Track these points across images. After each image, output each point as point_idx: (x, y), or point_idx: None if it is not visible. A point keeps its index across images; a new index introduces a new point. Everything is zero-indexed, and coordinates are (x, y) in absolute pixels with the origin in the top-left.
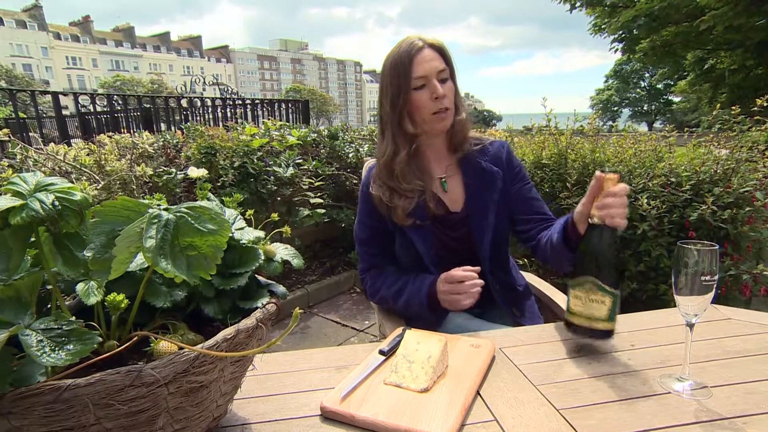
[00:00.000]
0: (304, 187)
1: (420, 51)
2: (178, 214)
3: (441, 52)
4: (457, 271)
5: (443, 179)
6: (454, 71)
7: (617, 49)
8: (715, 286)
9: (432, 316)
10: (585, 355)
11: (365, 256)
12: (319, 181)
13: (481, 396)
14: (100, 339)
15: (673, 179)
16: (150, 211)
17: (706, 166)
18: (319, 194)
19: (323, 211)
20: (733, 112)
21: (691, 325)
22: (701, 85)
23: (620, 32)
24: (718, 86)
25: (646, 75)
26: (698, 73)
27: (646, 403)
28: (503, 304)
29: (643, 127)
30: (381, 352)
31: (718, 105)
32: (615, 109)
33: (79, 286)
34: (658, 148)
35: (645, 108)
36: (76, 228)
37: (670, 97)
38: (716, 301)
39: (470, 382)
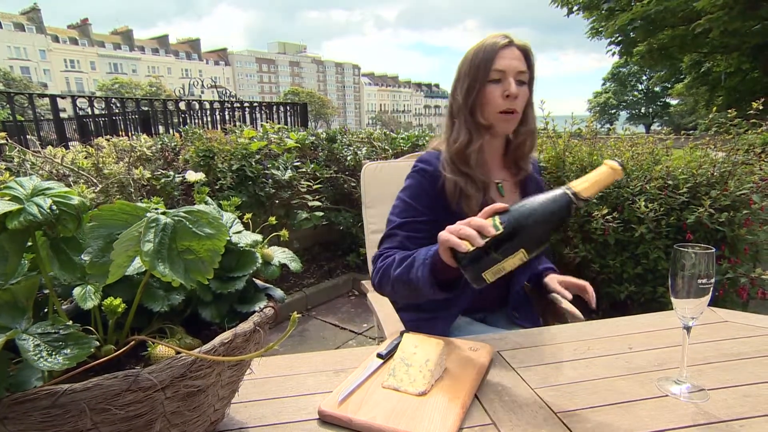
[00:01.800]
0: (303, 190)
1: (506, 47)
2: (176, 218)
3: (526, 55)
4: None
5: (499, 184)
6: (533, 79)
7: (614, 52)
8: (711, 288)
9: (428, 280)
10: (583, 358)
11: (393, 238)
12: (317, 184)
13: (479, 399)
14: (97, 343)
15: (670, 182)
16: (148, 215)
17: (703, 168)
18: (317, 197)
19: (321, 214)
20: (729, 115)
21: (688, 328)
22: (698, 88)
23: (617, 35)
24: (714, 89)
25: (644, 78)
26: (695, 76)
27: (643, 405)
28: (512, 308)
29: (640, 130)
30: (379, 356)
31: (715, 108)
32: (613, 111)
33: (76, 291)
34: (655, 150)
35: (642, 111)
36: (74, 232)
37: (667, 100)
38: (714, 303)
39: (468, 386)
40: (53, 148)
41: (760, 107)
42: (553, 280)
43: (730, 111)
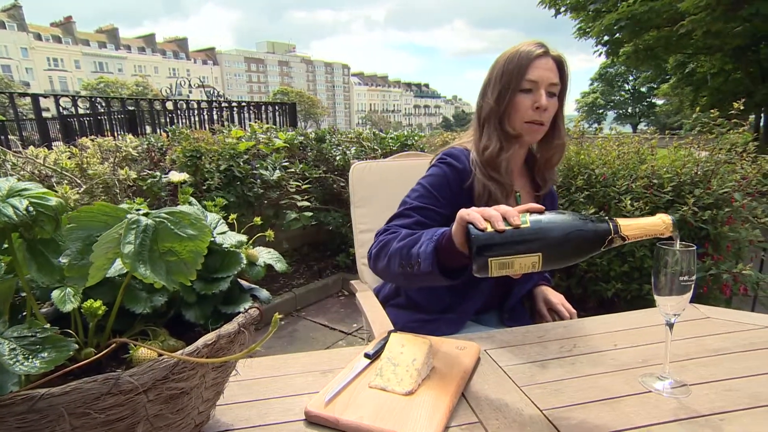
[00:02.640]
0: (291, 190)
1: (541, 57)
2: (157, 219)
3: (560, 67)
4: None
5: (518, 194)
6: (566, 92)
7: (601, 53)
8: (693, 285)
9: (430, 259)
10: (569, 356)
11: (405, 218)
12: (306, 184)
13: (465, 398)
14: (76, 346)
15: (655, 181)
16: (128, 216)
17: (687, 167)
18: (306, 197)
19: (310, 214)
20: (711, 115)
21: (670, 325)
22: (683, 88)
23: (604, 36)
24: (699, 89)
25: (630, 78)
26: (680, 77)
27: (627, 402)
28: (506, 310)
29: (627, 129)
30: (366, 356)
31: (698, 108)
32: (600, 111)
33: (55, 293)
34: (641, 150)
35: (629, 110)
36: (52, 234)
37: (653, 100)
38: (698, 300)
39: (455, 385)
40: (35, 148)
41: (741, 107)
42: (540, 296)
43: (712, 111)
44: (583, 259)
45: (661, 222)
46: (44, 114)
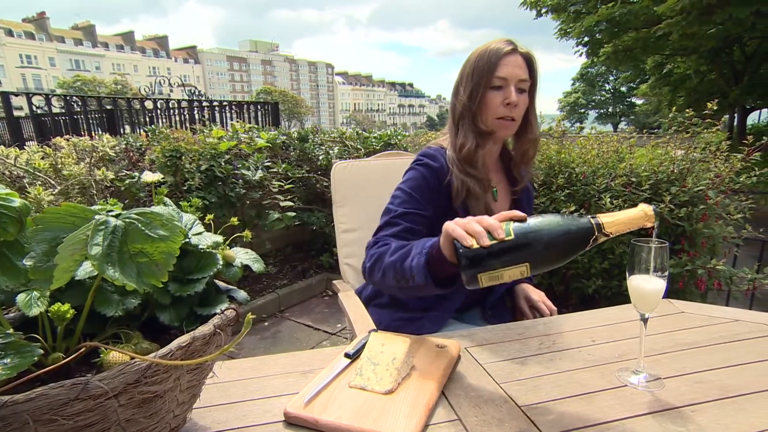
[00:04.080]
0: (274, 190)
1: (510, 54)
2: (127, 220)
3: (529, 63)
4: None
5: (494, 188)
6: (535, 87)
7: (582, 53)
8: (666, 281)
9: (423, 269)
10: (548, 352)
11: (392, 227)
12: (288, 184)
13: (445, 396)
14: (41, 351)
15: (633, 179)
16: (96, 217)
17: (664, 166)
18: (289, 197)
19: (293, 214)
20: (687, 115)
21: (645, 320)
22: (661, 88)
23: (584, 37)
24: (676, 90)
25: (611, 78)
26: (658, 77)
27: (603, 396)
28: (488, 307)
29: (608, 128)
30: (347, 355)
31: (675, 108)
32: (582, 111)
33: (20, 297)
34: (619, 149)
35: (610, 110)
36: (15, 236)
37: (633, 100)
38: (675, 295)
39: (434, 383)
40: (5, 148)
41: (715, 107)
42: (521, 294)
43: (687, 111)
44: (569, 260)
45: (643, 214)
46: (17, 113)
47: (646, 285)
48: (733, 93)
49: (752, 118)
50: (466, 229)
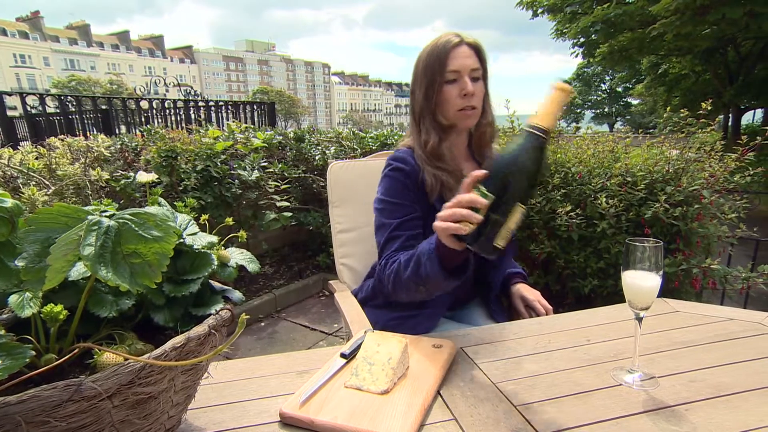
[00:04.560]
0: (270, 190)
1: (457, 46)
2: (120, 220)
3: (477, 51)
4: (466, 196)
5: (466, 176)
6: (487, 73)
7: (578, 54)
8: (660, 278)
9: (437, 269)
10: (543, 351)
11: (395, 241)
12: (285, 184)
13: (441, 396)
14: (33, 353)
15: (629, 179)
16: (89, 217)
17: (659, 166)
18: (285, 197)
19: (290, 214)
20: (682, 115)
21: (639, 319)
22: (656, 88)
23: (580, 37)
24: (672, 90)
25: (607, 78)
26: (653, 77)
27: (598, 395)
28: (484, 302)
29: (604, 128)
30: (342, 356)
31: (670, 108)
32: (578, 111)
33: (12, 298)
34: (615, 149)
35: (606, 110)
36: (7, 236)
37: (629, 100)
38: (670, 294)
39: (430, 382)
40: None
41: (709, 107)
42: (516, 294)
43: (682, 111)
44: (544, 171)
45: (559, 91)
46: (11, 113)
47: (641, 282)
48: (728, 93)
49: (746, 118)
50: (453, 220)
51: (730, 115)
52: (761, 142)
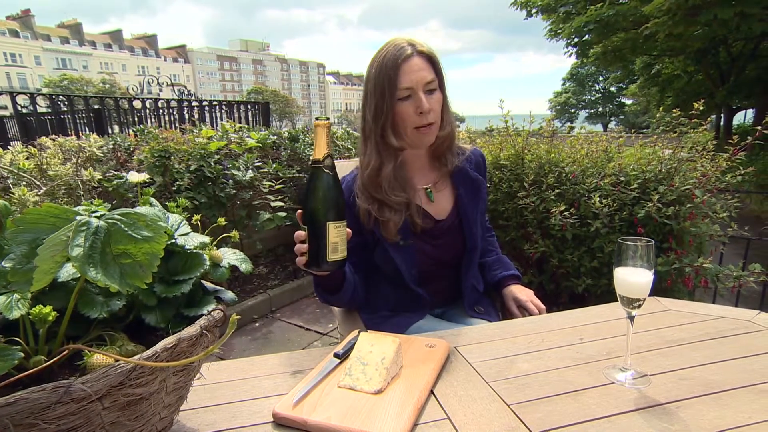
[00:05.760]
0: (265, 190)
1: (408, 59)
2: (109, 221)
3: (431, 60)
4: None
5: (428, 189)
6: (444, 81)
7: (571, 54)
8: (653, 275)
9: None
10: (536, 350)
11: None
12: (279, 184)
13: (434, 395)
14: (22, 355)
15: (622, 178)
16: (78, 218)
17: (652, 165)
18: (280, 197)
19: (284, 214)
20: (674, 115)
21: (631, 318)
22: (649, 88)
23: (574, 37)
24: (664, 90)
25: (601, 78)
26: (647, 77)
27: (591, 394)
28: (468, 307)
29: (598, 128)
30: (336, 356)
31: (663, 108)
32: (572, 111)
33: (0, 300)
34: (608, 148)
35: (600, 110)
36: None
37: (623, 100)
38: (663, 293)
39: (424, 382)
40: None
41: (701, 108)
42: (509, 295)
43: (674, 111)
44: (335, 190)
45: (321, 128)
46: (1, 113)
47: (631, 278)
48: (720, 93)
49: (738, 118)
50: (297, 255)
51: (722, 115)
52: (752, 142)
